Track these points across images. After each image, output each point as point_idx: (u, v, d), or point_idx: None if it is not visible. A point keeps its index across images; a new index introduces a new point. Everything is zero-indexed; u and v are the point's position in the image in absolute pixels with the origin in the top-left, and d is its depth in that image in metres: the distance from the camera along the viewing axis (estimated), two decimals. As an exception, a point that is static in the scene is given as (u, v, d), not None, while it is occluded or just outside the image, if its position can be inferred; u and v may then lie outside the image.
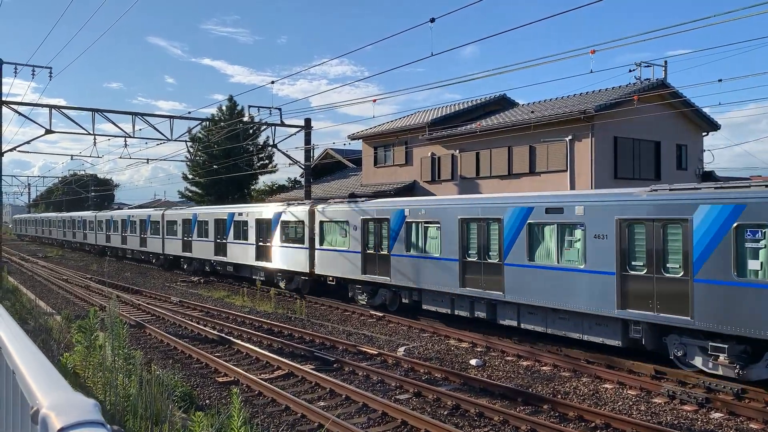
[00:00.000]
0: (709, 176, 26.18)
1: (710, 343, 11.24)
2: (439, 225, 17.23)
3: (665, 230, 11.98)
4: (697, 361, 11.63)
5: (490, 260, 15.64)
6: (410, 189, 29.32)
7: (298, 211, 23.39)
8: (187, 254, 32.55)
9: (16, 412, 2.33)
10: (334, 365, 13.20)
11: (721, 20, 11.17)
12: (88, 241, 50.54)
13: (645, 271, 12.27)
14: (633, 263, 12.54)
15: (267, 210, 25.98)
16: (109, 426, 1.48)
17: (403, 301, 18.84)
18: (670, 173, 24.38)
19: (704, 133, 26.89)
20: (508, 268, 15.07)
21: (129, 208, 54.02)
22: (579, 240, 13.60)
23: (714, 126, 26.73)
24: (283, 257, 24.19)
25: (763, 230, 10.57)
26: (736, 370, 10.95)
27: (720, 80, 16.20)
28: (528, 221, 14.60)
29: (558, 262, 14.01)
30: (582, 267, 13.44)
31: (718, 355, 11.11)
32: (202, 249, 30.86)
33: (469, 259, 16.24)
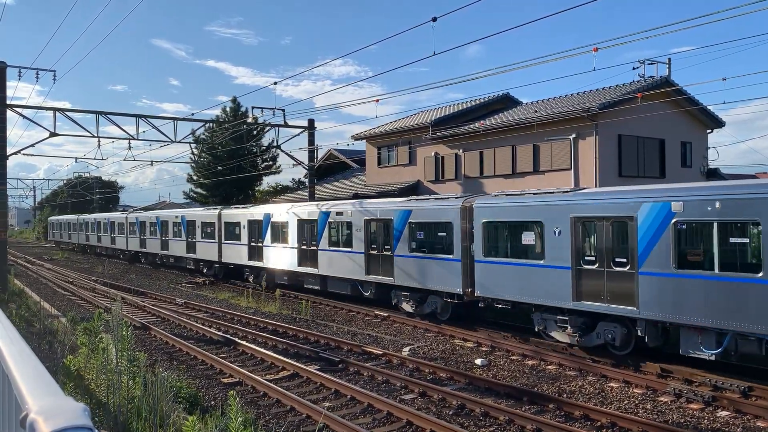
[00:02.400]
0: (714, 173, 26.05)
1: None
2: None
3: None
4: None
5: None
6: (414, 189, 29.28)
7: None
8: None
9: (11, 417, 2.32)
10: (339, 365, 13.19)
11: (725, 17, 11.12)
12: (200, 255, 30.40)
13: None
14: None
15: None
16: (97, 431, 1.46)
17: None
18: (674, 171, 24.28)
19: (709, 130, 26.75)
20: None
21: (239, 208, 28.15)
22: None
23: (718, 123, 26.58)
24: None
25: None
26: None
27: (724, 79, 15.94)
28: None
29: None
30: None
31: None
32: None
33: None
